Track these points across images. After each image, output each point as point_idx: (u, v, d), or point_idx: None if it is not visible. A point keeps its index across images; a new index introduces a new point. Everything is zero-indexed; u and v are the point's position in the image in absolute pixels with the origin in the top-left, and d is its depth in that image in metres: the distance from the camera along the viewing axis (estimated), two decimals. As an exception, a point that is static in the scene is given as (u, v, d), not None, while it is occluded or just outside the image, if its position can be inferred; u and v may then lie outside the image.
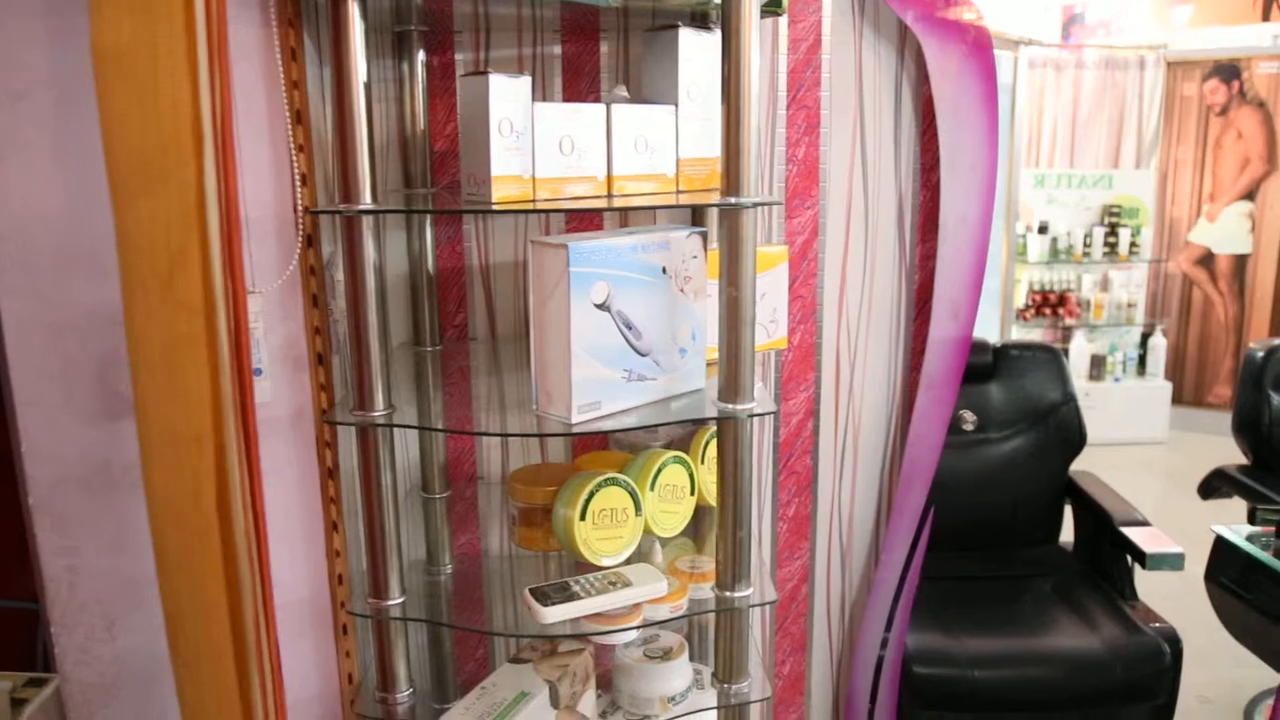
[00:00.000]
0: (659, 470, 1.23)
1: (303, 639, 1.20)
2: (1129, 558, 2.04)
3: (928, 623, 1.88)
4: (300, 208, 1.11)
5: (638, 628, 1.18)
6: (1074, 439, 2.37)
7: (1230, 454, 2.65)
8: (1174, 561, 1.93)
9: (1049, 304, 4.35)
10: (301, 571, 1.19)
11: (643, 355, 1.07)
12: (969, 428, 2.00)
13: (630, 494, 1.19)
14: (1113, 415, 4.23)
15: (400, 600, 1.13)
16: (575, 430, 1.02)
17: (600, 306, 1.02)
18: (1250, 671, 2.20)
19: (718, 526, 1.11)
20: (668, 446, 1.33)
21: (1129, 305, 4.31)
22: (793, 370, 1.47)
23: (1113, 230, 4.26)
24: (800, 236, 1.43)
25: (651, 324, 1.07)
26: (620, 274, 1.03)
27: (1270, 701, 2.26)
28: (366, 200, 1.02)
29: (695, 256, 1.11)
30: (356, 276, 1.04)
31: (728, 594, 1.12)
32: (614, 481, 1.17)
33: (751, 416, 1.06)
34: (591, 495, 1.15)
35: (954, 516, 2.18)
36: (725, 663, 1.15)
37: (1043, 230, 4.31)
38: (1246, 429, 2.55)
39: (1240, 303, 4.16)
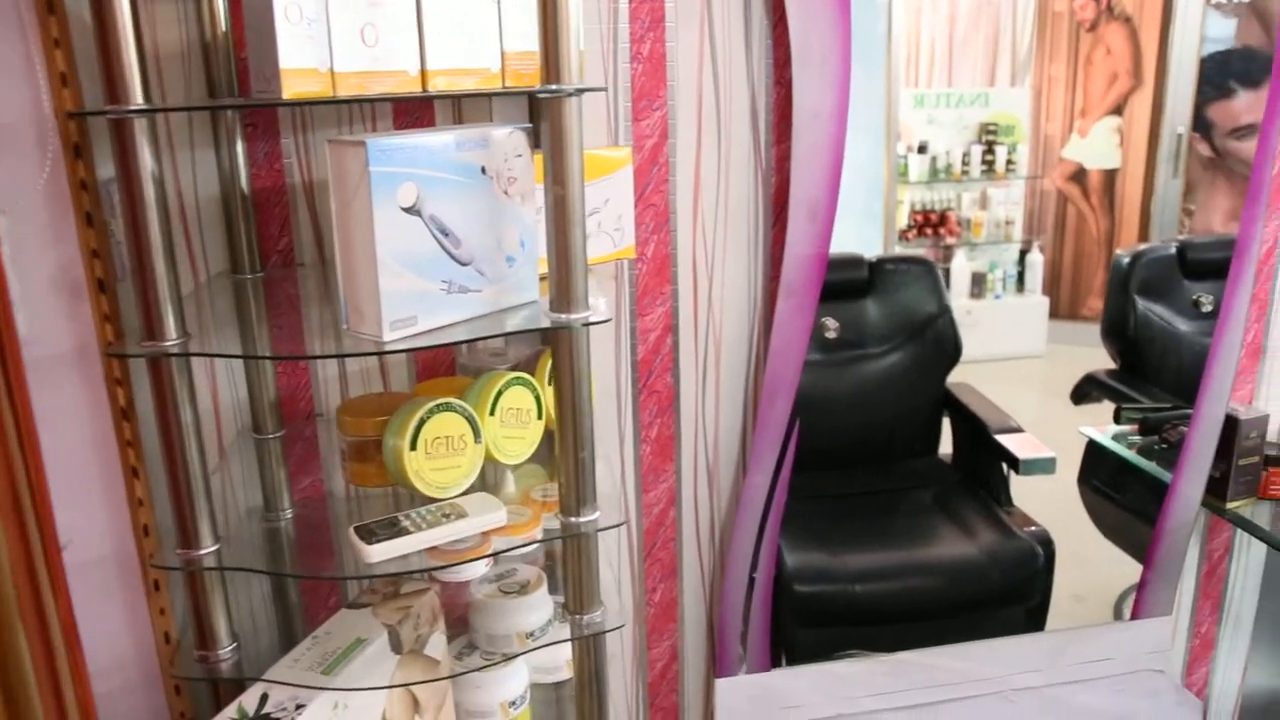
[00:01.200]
0: (499, 393, 1.14)
1: (109, 599, 1.09)
2: (1004, 465, 2.05)
3: (808, 541, 1.85)
4: (59, 112, 0.97)
5: (487, 557, 1.10)
6: (950, 351, 2.36)
7: (1103, 363, 2.69)
8: (1046, 465, 1.94)
9: (930, 224, 4.36)
10: (101, 524, 1.07)
11: (463, 264, 0.97)
12: (831, 335, 1.96)
13: (468, 420, 1.10)
14: (994, 331, 4.28)
15: (214, 549, 1.02)
16: (389, 348, 0.92)
17: (409, 210, 0.91)
18: (1120, 568, 2.25)
19: (558, 448, 1.03)
20: (515, 369, 1.24)
21: (1007, 223, 4.34)
22: (648, 284, 1.39)
23: (990, 148, 4.28)
24: (649, 140, 1.34)
25: (471, 230, 0.97)
26: (432, 174, 0.93)
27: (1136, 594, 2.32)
28: (138, 100, 0.89)
29: (519, 155, 1.01)
30: (132, 189, 0.91)
31: (572, 519, 1.05)
32: (448, 407, 1.08)
33: (587, 325, 0.98)
34: (423, 422, 1.06)
35: (834, 434, 2.15)
36: (575, 592, 1.08)
37: (922, 150, 4.30)
38: (1114, 334, 2.58)
39: (1111, 217, 4.25)
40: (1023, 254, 4.30)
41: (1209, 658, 1.80)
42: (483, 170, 0.98)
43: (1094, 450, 2.13)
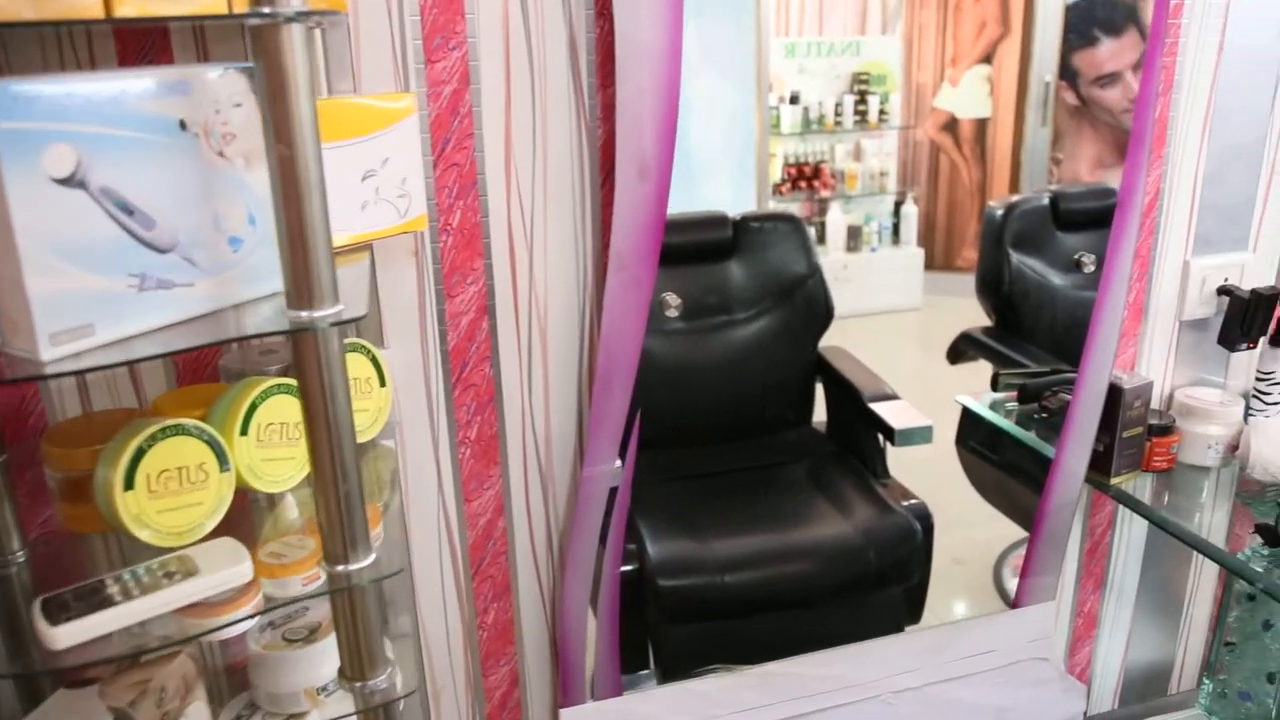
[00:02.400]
0: (254, 405, 0.91)
1: None
2: (880, 434, 1.92)
3: (673, 529, 1.68)
4: None
5: (241, 621, 0.88)
6: (821, 313, 2.20)
7: (979, 315, 2.61)
8: (923, 435, 1.81)
9: (804, 177, 4.24)
10: None
11: (162, 251, 0.73)
12: (673, 314, 1.77)
13: (209, 443, 0.87)
14: (870, 285, 4.21)
15: None
16: (51, 370, 0.68)
17: (66, 182, 0.67)
18: (999, 529, 2.17)
19: (314, 481, 0.80)
20: (284, 372, 1.01)
21: (881, 174, 4.26)
22: (455, 259, 1.16)
23: (862, 98, 4.17)
24: (447, 86, 1.11)
25: (170, 206, 0.73)
26: (101, 132, 0.68)
27: (1016, 554, 2.25)
28: None
29: (238, 105, 0.77)
30: None
31: (339, 568, 0.83)
32: (179, 430, 0.84)
33: (338, 325, 0.75)
34: (141, 452, 0.82)
35: (699, 408, 1.98)
36: (352, 656, 0.87)
37: (794, 101, 4.17)
38: (989, 290, 2.48)
39: (983, 166, 4.21)
40: (897, 205, 4.20)
41: (1092, 637, 1.70)
42: (183, 125, 0.73)
43: (971, 412, 2.02)
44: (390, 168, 0.98)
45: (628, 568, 1.51)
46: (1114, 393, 1.39)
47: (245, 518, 1.02)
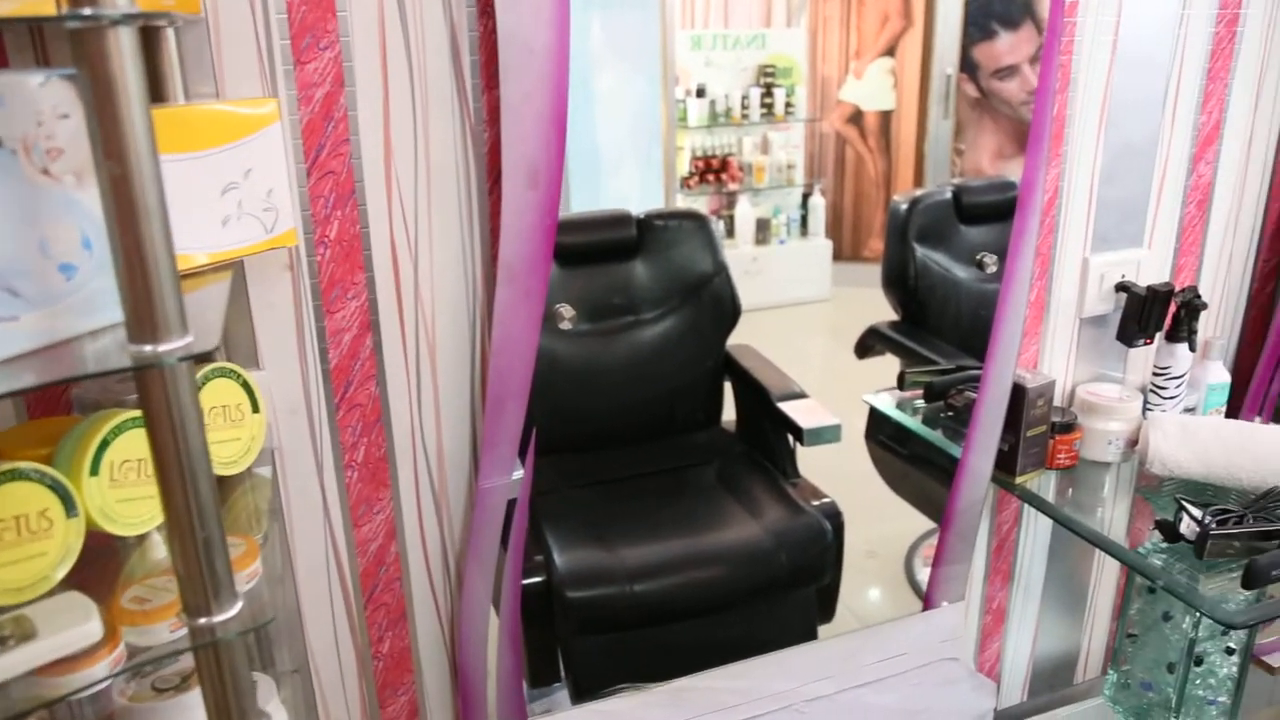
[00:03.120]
0: (105, 443, 0.83)
1: None
2: (789, 434, 1.90)
3: (581, 537, 1.64)
4: None
5: (100, 683, 0.80)
6: (728, 311, 2.17)
7: (886, 306, 2.62)
8: (831, 434, 1.80)
9: (712, 170, 4.22)
10: None
11: (-23, 282, 0.65)
12: (566, 326, 1.72)
13: (52, 488, 0.78)
14: (780, 278, 4.22)
15: None
16: None
17: None
18: (909, 521, 2.18)
19: (167, 529, 0.73)
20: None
21: (789, 166, 4.27)
22: (335, 273, 1.09)
23: (768, 91, 4.17)
24: (319, 89, 1.03)
25: (-16, 229, 0.65)
26: (-104, 148, 0.60)
27: (927, 544, 2.26)
28: None
29: (65, 116, 0.69)
30: None
31: (201, 621, 0.75)
32: (16, 475, 0.76)
33: (188, 360, 0.68)
34: (-32, 502, 0.74)
35: (606, 411, 1.94)
36: (220, 714, 0.80)
37: (701, 94, 4.14)
38: (895, 284, 2.49)
39: (888, 158, 4.25)
40: (805, 198, 4.22)
41: (1000, 633, 1.71)
42: (-3, 140, 0.65)
43: (870, 404, 2.02)
44: (254, 179, 0.91)
45: (535, 579, 1.46)
46: (1018, 392, 1.39)
47: (110, 558, 0.94)
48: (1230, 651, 1.43)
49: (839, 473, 1.92)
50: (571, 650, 1.60)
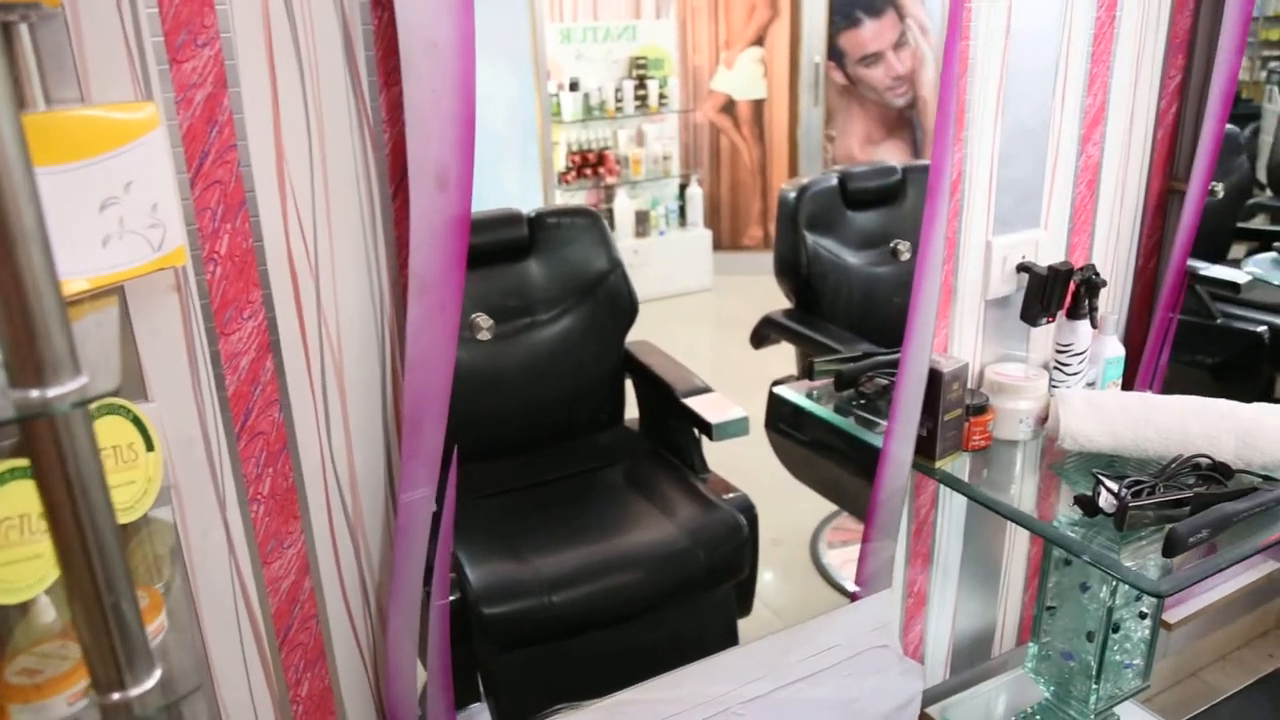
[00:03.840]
0: (-21, 499, 0.73)
1: None
2: (695, 429, 1.87)
3: (493, 550, 1.58)
4: None
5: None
6: (626, 307, 2.13)
7: (771, 294, 2.64)
8: (740, 427, 1.78)
9: (589, 164, 4.18)
10: None
11: None
12: (485, 336, 1.66)
13: (-81, 556, 0.68)
14: (662, 269, 4.22)
15: None
16: None
17: None
18: (811, 505, 2.20)
19: (68, 597, 0.64)
20: (22, 450, 0.82)
21: (665, 158, 4.26)
22: (228, 292, 1.00)
23: (641, 83, 4.15)
24: (199, 90, 0.94)
25: None
26: None
27: (830, 527, 2.29)
28: None
29: (-83, 126, 0.59)
30: None
31: (115, 697, 0.67)
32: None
33: (83, 405, 0.60)
34: None
35: (507, 417, 1.88)
36: (136, 794, 0.71)
37: (574, 87, 4.08)
38: (787, 272, 2.50)
39: (762, 146, 4.29)
40: (682, 188, 4.21)
41: (922, 614, 1.73)
42: None
43: (775, 394, 2.02)
44: (136, 192, 0.81)
45: (449, 598, 1.39)
46: (934, 377, 1.39)
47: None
48: (1143, 616, 1.47)
49: (738, 463, 1.91)
50: (491, 669, 1.54)
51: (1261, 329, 2.26)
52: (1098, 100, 1.55)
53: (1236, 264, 2.15)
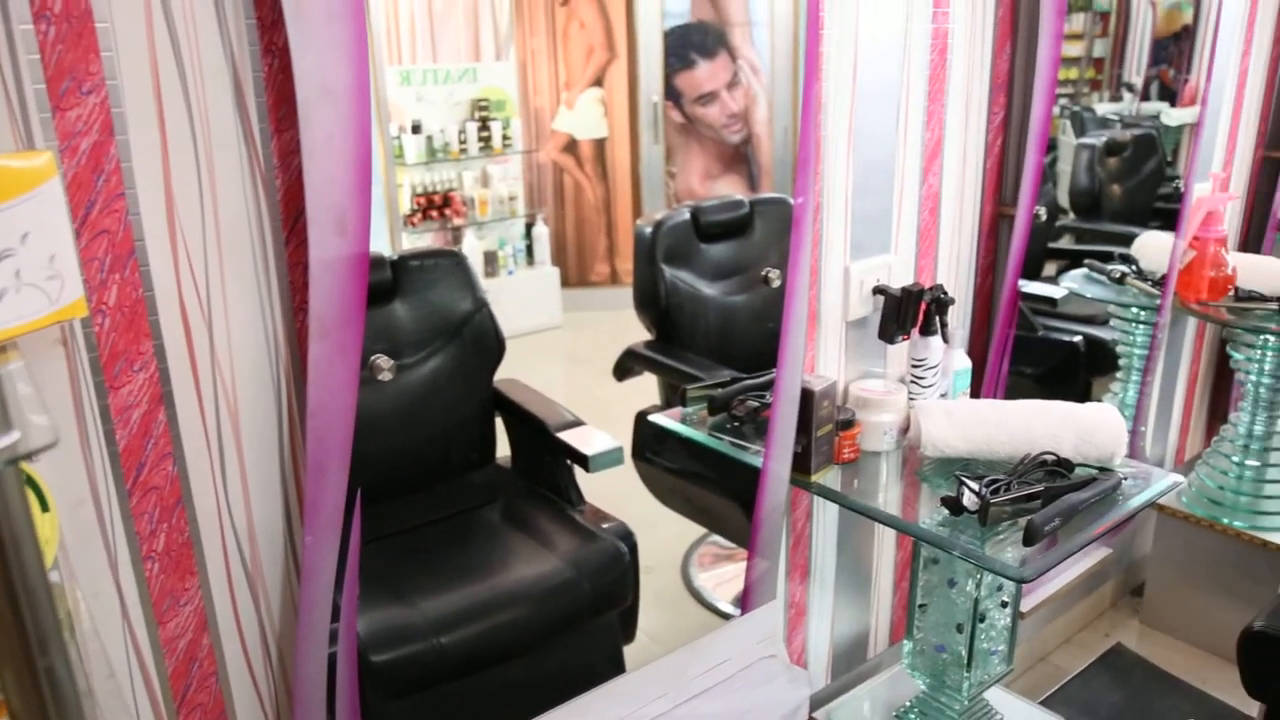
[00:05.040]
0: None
1: None
2: (569, 462, 1.90)
3: (377, 596, 1.55)
4: None
5: None
6: (492, 346, 2.14)
7: (620, 328, 2.70)
8: (614, 457, 1.82)
9: (435, 206, 4.16)
10: None
11: None
12: (386, 377, 1.65)
13: None
14: (512, 309, 4.23)
15: None
16: None
17: None
18: (679, 530, 2.26)
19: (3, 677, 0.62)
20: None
21: (510, 198, 4.29)
22: (117, 343, 0.97)
23: (484, 124, 4.17)
24: (84, 138, 0.92)
25: None
26: None
27: (700, 551, 2.35)
28: None
29: None
30: None
31: (47, 763, 0.64)
32: None
33: (14, 463, 0.59)
34: None
35: (381, 461, 1.85)
36: None
37: (416, 130, 4.07)
38: (647, 305, 2.57)
39: (605, 184, 4.38)
40: (529, 227, 4.26)
41: (803, 624, 1.81)
42: None
43: (643, 423, 2.07)
44: (33, 244, 0.79)
45: (335, 649, 1.37)
46: (806, 396, 1.47)
47: None
48: (1005, 604, 1.59)
49: (599, 494, 1.95)
50: (379, 717, 1.51)
51: (1077, 339, 2.49)
52: (935, 135, 1.69)
53: (1052, 280, 2.36)
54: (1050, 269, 2.48)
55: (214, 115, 0.99)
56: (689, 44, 2.79)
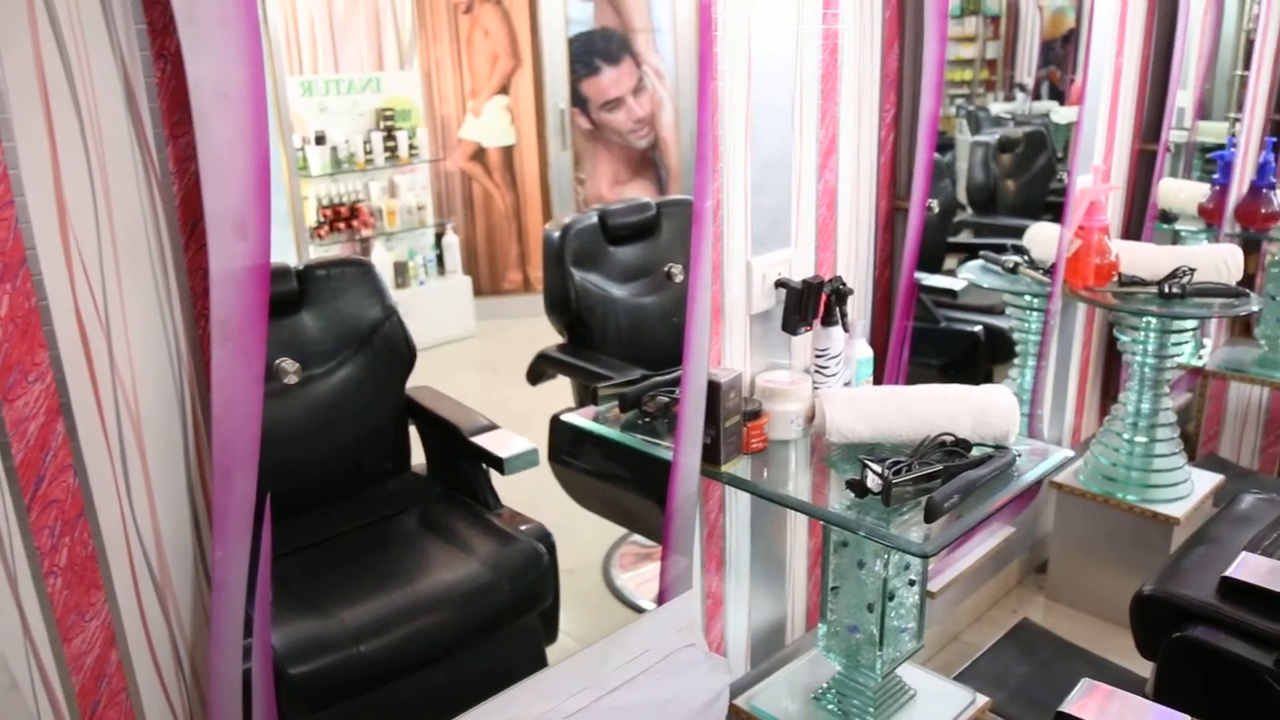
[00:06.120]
0: None
1: None
2: (485, 465, 1.91)
3: (293, 608, 1.54)
4: None
5: None
6: (404, 353, 2.13)
7: (535, 336, 2.71)
8: (530, 459, 1.84)
9: (341, 218, 4.10)
10: None
11: None
12: (292, 380, 1.64)
13: None
14: (425, 319, 4.19)
15: None
16: None
17: None
18: (599, 532, 2.29)
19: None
20: None
21: (419, 208, 4.25)
22: (10, 354, 0.96)
23: (390, 134, 4.13)
24: (-33, 146, 0.90)
25: None
26: None
27: (620, 551, 2.38)
28: None
29: None
30: None
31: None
32: None
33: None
34: None
35: (292, 474, 1.84)
36: None
37: (320, 141, 4.00)
38: (558, 308, 2.58)
39: (515, 192, 4.37)
40: (438, 237, 4.23)
41: (720, 614, 1.84)
42: None
43: (559, 426, 2.09)
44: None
45: (250, 665, 1.36)
46: (713, 388, 1.51)
47: None
48: (913, 583, 1.65)
49: (526, 501, 1.96)
50: (301, 732, 1.50)
51: (978, 329, 2.58)
52: (830, 132, 1.75)
53: (952, 274, 2.46)
54: (951, 263, 2.57)
55: (105, 121, 0.98)
56: (593, 51, 2.81)
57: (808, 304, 1.63)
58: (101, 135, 0.97)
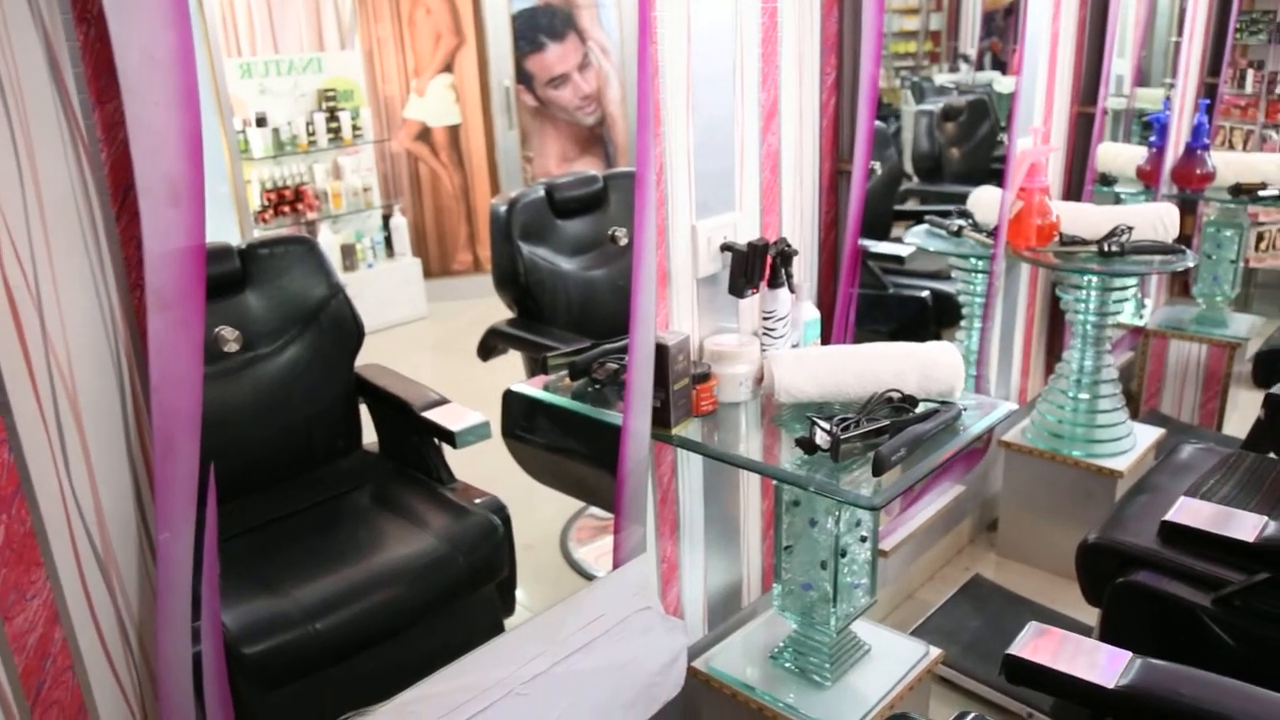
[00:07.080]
0: None
1: None
2: (436, 440, 1.90)
3: (247, 589, 1.53)
4: None
5: None
6: (351, 331, 2.12)
7: (486, 315, 2.70)
8: (481, 432, 1.84)
9: (286, 201, 4.04)
10: None
11: None
12: (233, 348, 1.61)
13: None
14: (375, 302, 4.14)
15: None
16: None
17: None
18: (556, 507, 2.30)
19: None
20: None
21: (365, 190, 4.20)
22: (-62, 330, 0.93)
23: (333, 115, 4.06)
24: (-116, 115, 0.88)
25: None
26: None
27: (577, 525, 2.39)
28: None
29: None
30: None
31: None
32: None
33: None
34: None
35: (242, 454, 1.82)
36: None
37: (261, 123, 3.93)
38: (506, 283, 2.58)
39: (462, 171, 4.34)
40: (386, 219, 4.19)
41: (676, 577, 1.86)
42: None
43: (511, 400, 2.09)
44: None
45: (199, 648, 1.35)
46: (661, 351, 1.52)
47: None
48: (864, 539, 1.68)
49: (482, 477, 1.96)
50: (259, 713, 1.49)
51: (925, 294, 2.62)
52: (771, 95, 1.75)
53: (899, 241, 2.49)
54: (898, 231, 2.60)
55: (28, 88, 0.95)
56: (537, 27, 2.79)
57: (753, 267, 1.64)
58: (25, 103, 0.95)
